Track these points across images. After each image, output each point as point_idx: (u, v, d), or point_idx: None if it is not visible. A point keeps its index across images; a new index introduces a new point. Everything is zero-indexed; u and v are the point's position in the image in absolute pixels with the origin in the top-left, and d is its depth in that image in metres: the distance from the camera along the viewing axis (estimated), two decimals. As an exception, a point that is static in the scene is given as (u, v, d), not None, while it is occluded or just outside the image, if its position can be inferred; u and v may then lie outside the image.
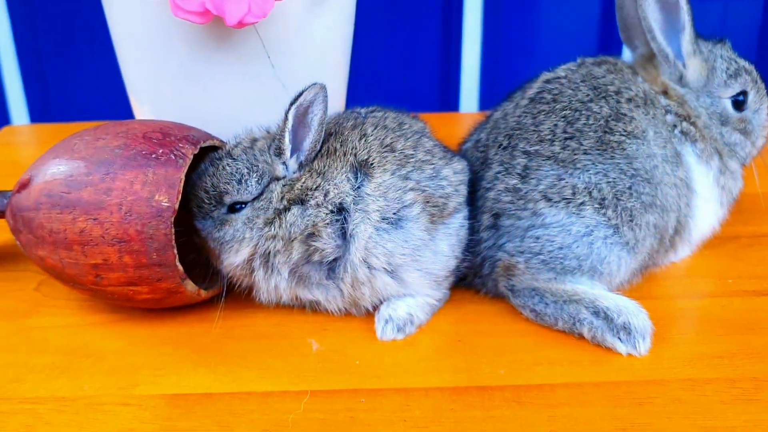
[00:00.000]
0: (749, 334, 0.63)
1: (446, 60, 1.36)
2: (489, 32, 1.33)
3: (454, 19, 1.32)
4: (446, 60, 1.36)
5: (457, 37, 1.33)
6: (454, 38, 1.33)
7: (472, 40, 1.33)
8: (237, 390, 0.58)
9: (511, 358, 0.61)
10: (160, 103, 0.76)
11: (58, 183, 0.61)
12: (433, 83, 1.38)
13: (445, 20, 1.32)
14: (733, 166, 0.74)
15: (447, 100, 1.39)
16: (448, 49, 1.35)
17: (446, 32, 1.33)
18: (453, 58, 1.35)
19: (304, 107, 0.62)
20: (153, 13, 0.70)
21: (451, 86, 1.38)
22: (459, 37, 1.33)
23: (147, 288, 0.62)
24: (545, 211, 0.64)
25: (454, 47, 1.34)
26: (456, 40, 1.33)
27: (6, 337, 0.65)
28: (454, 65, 1.35)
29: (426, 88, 1.38)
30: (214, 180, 0.63)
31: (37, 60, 1.33)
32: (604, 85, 0.69)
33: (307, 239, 0.62)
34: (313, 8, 0.72)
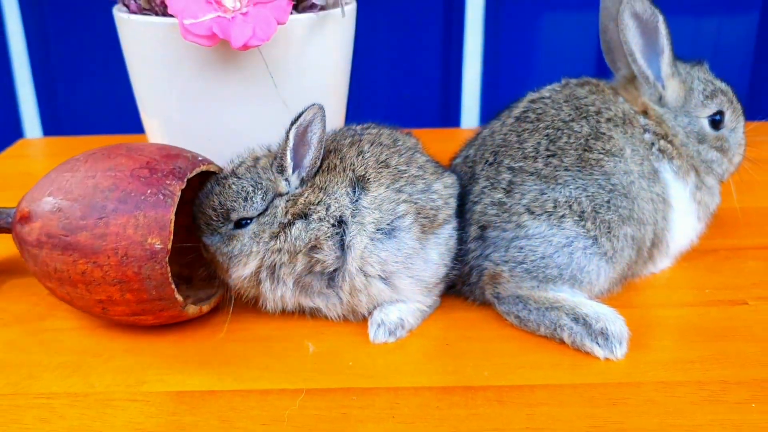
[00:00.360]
0: (722, 341, 0.66)
1: (447, 76, 1.38)
2: (489, 50, 1.35)
3: (455, 37, 1.34)
4: (447, 76, 1.38)
5: (458, 54, 1.36)
6: (455, 55, 1.36)
7: (473, 57, 1.35)
8: (238, 388, 0.61)
9: (495, 361, 0.64)
10: (169, 119, 0.80)
11: (55, 225, 0.63)
12: (435, 99, 1.40)
13: (446, 38, 1.35)
14: (710, 182, 0.77)
15: (448, 116, 1.41)
16: (449, 66, 1.37)
17: (447, 49, 1.36)
18: (454, 74, 1.37)
19: (304, 127, 0.65)
20: (164, 36, 0.74)
21: (452, 102, 1.40)
22: (460, 55, 1.36)
23: (151, 316, 0.66)
24: (528, 224, 0.67)
25: (455, 64, 1.36)
26: (457, 57, 1.36)
27: (21, 339, 0.68)
28: (455, 82, 1.38)
29: (427, 104, 1.41)
30: (221, 198, 0.65)
31: (49, 75, 1.37)
32: (586, 106, 0.72)
33: (309, 252, 0.65)
34: (313, 32, 0.76)
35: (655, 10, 0.71)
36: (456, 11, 1.32)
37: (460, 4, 1.31)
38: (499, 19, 1.33)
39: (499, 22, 1.34)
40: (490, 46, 1.35)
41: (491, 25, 1.33)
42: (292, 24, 0.73)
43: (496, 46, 1.35)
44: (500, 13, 1.33)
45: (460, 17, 1.32)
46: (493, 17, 1.33)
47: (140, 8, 0.76)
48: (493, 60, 1.36)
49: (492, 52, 1.36)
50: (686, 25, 1.35)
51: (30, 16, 1.32)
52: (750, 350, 0.65)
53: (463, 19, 1.32)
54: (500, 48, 1.36)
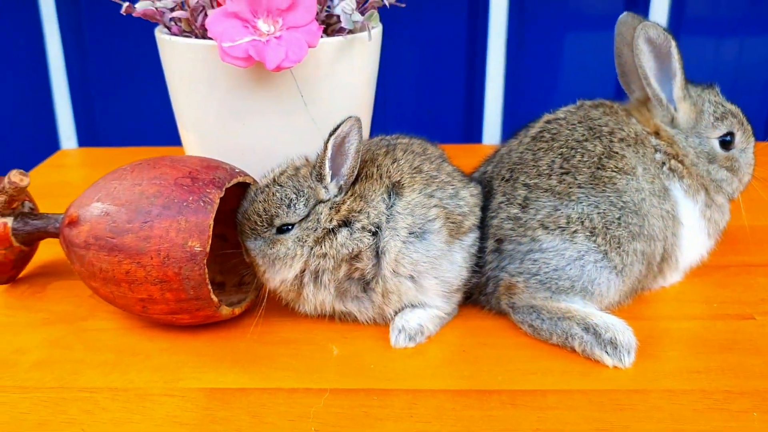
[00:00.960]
0: (727, 353, 0.69)
1: (470, 93, 1.41)
2: (512, 67, 1.37)
3: (478, 55, 1.37)
4: (470, 93, 1.41)
5: (480, 72, 1.38)
6: (478, 73, 1.38)
7: (496, 75, 1.38)
8: (267, 386, 0.64)
9: (509, 367, 0.67)
10: (205, 134, 0.84)
11: (102, 228, 0.68)
12: (458, 115, 1.43)
13: (469, 56, 1.38)
14: (720, 200, 0.79)
15: (471, 132, 1.44)
16: (473, 84, 1.40)
17: (471, 67, 1.39)
18: (477, 91, 1.40)
19: (341, 137, 0.67)
20: (203, 57, 0.78)
21: (475, 118, 1.43)
22: (483, 72, 1.38)
23: (188, 316, 0.70)
24: (542, 238, 0.71)
25: (478, 82, 1.39)
26: (480, 75, 1.38)
27: (65, 337, 0.73)
28: (477, 99, 1.41)
29: (451, 119, 1.44)
30: (265, 205, 0.69)
31: (86, 88, 1.41)
32: (599, 126, 0.75)
33: (351, 260, 0.69)
34: (341, 54, 0.80)
35: (668, 36, 0.74)
36: (479, 30, 1.35)
37: (484, 24, 1.34)
38: (521, 39, 1.36)
39: (521, 41, 1.36)
40: (512, 65, 1.38)
41: (513, 44, 1.36)
42: (322, 47, 0.77)
43: (518, 64, 1.38)
44: (522, 33, 1.36)
45: (483, 36, 1.35)
46: (515, 36, 1.35)
47: (181, 31, 0.81)
48: (514, 78, 1.39)
49: (514, 70, 1.38)
50: (707, 44, 1.37)
51: (68, 32, 1.37)
52: (754, 362, 0.67)
53: (486, 38, 1.35)
54: (522, 66, 1.38)
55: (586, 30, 1.37)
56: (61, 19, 1.37)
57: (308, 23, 0.74)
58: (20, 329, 0.74)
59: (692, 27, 1.36)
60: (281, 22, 0.74)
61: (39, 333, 0.74)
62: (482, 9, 1.34)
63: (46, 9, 1.36)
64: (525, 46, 1.37)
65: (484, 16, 1.34)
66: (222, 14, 0.74)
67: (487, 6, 1.33)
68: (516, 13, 1.34)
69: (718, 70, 1.40)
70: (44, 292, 0.82)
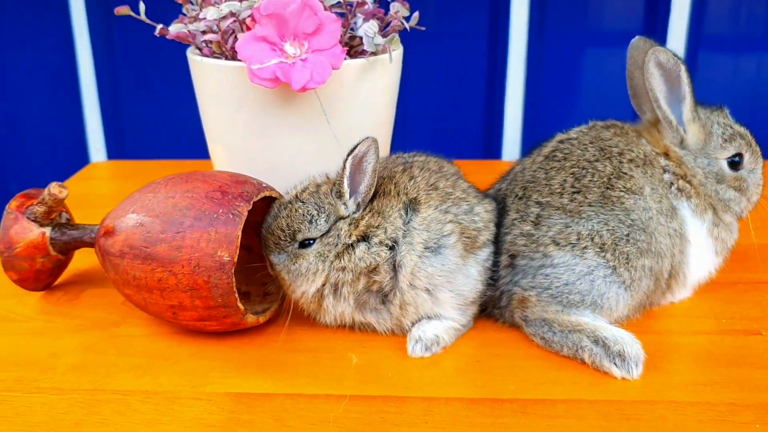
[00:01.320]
0: (733, 367, 0.71)
1: (490, 111, 1.44)
2: (531, 85, 1.40)
3: (498, 73, 1.39)
4: (490, 111, 1.44)
5: (501, 89, 1.41)
6: (498, 91, 1.41)
7: (515, 92, 1.40)
8: (289, 392, 0.68)
9: (521, 377, 0.69)
10: (233, 149, 0.88)
11: (138, 238, 0.71)
12: (478, 132, 1.46)
13: (490, 74, 1.40)
14: (728, 219, 0.82)
15: (490, 149, 1.47)
16: (493, 101, 1.43)
17: (491, 85, 1.41)
18: (497, 109, 1.43)
19: (359, 157, 0.70)
20: (232, 77, 0.82)
21: (495, 135, 1.45)
22: (503, 90, 1.40)
23: (215, 322, 0.73)
24: (554, 253, 0.74)
25: (498, 99, 1.42)
26: (500, 92, 1.41)
27: (98, 342, 0.76)
28: (497, 116, 1.43)
29: (471, 136, 1.46)
30: (288, 220, 0.72)
31: (116, 103, 1.46)
32: (610, 147, 0.78)
33: (369, 273, 0.72)
34: (363, 75, 0.83)
35: (677, 60, 0.77)
36: (499, 48, 1.38)
37: (504, 42, 1.37)
38: (540, 57, 1.39)
39: (540, 59, 1.39)
40: (531, 82, 1.40)
41: (533, 62, 1.38)
42: (345, 68, 0.81)
43: (537, 82, 1.40)
44: (542, 51, 1.38)
45: (503, 54, 1.38)
46: (535, 54, 1.38)
47: (212, 52, 0.85)
48: (533, 95, 1.41)
49: (533, 88, 1.40)
50: (726, 62, 1.39)
51: (100, 49, 1.42)
52: (759, 376, 0.69)
53: (506, 56, 1.38)
54: (541, 84, 1.41)
55: (605, 48, 1.40)
56: (93, 37, 1.41)
57: (332, 46, 0.78)
58: (57, 334, 0.78)
59: (711, 44, 1.38)
60: (307, 46, 0.78)
61: (74, 338, 0.77)
62: (502, 28, 1.37)
63: (78, 26, 1.41)
64: (544, 64, 1.40)
65: (504, 34, 1.37)
66: (251, 38, 0.77)
67: (507, 24, 1.36)
68: (535, 31, 1.37)
69: (737, 88, 1.41)
70: (79, 299, 0.86)
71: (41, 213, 0.81)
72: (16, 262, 0.81)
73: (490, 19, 1.38)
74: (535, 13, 1.36)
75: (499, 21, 1.37)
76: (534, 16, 1.36)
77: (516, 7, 1.35)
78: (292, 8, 0.76)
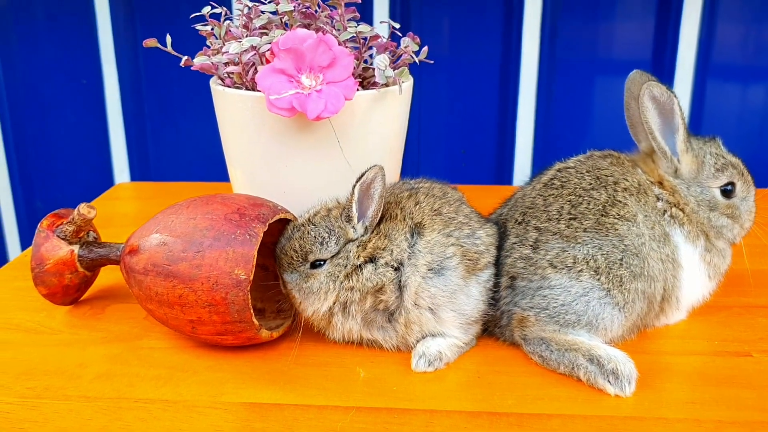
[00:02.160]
0: (723, 386, 0.74)
1: (502, 138, 1.48)
2: (542, 113, 1.44)
3: (510, 100, 1.44)
4: (502, 138, 1.48)
5: (512, 117, 1.45)
6: (510, 118, 1.45)
7: (526, 120, 1.45)
8: (300, 403, 0.71)
9: (519, 393, 0.73)
10: (252, 173, 0.92)
11: (161, 256, 0.76)
12: (490, 159, 1.51)
13: (501, 101, 1.45)
14: (720, 245, 0.85)
15: (502, 175, 1.51)
16: (504, 129, 1.47)
17: (503, 112, 1.46)
18: (508, 136, 1.47)
19: (367, 183, 0.74)
20: (252, 106, 0.86)
21: (506, 162, 1.50)
22: (514, 118, 1.45)
23: (231, 337, 0.77)
24: (551, 276, 0.78)
25: (510, 126, 1.46)
26: (511, 120, 1.45)
27: (122, 354, 0.81)
28: (509, 143, 1.47)
29: (483, 162, 1.51)
30: (300, 242, 0.76)
31: (141, 128, 1.52)
32: (605, 176, 0.82)
33: (376, 293, 0.77)
34: (375, 105, 0.88)
35: (671, 94, 0.80)
36: (511, 76, 1.42)
37: (515, 71, 1.41)
38: (551, 85, 1.42)
39: (551, 87, 1.43)
40: (542, 110, 1.44)
41: (544, 91, 1.43)
42: (357, 99, 0.85)
43: (548, 110, 1.45)
44: (553, 79, 1.42)
45: (515, 83, 1.42)
46: (545, 83, 1.42)
47: (233, 83, 0.90)
48: (544, 123, 1.45)
49: (544, 115, 1.45)
50: (734, 90, 1.42)
51: (126, 76, 1.48)
52: (748, 396, 0.72)
53: (517, 84, 1.42)
54: (551, 112, 1.45)
55: (614, 77, 1.43)
56: (119, 65, 1.48)
57: (345, 79, 0.83)
58: (83, 346, 0.83)
59: (719, 73, 1.42)
60: (322, 78, 0.83)
61: (99, 350, 0.82)
62: (514, 58, 1.41)
63: (106, 55, 1.47)
64: (554, 93, 1.44)
65: (515, 63, 1.41)
66: (270, 70, 0.83)
67: (518, 55, 1.40)
68: (546, 61, 1.41)
69: (745, 116, 1.44)
70: (104, 313, 0.90)
71: (70, 232, 0.86)
72: (46, 278, 0.86)
73: (502, 49, 1.42)
74: (545, 43, 1.40)
75: (511, 51, 1.42)
76: (544, 47, 1.40)
77: (527, 38, 1.40)
78: (309, 43, 0.81)
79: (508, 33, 1.41)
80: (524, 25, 1.39)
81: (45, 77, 1.50)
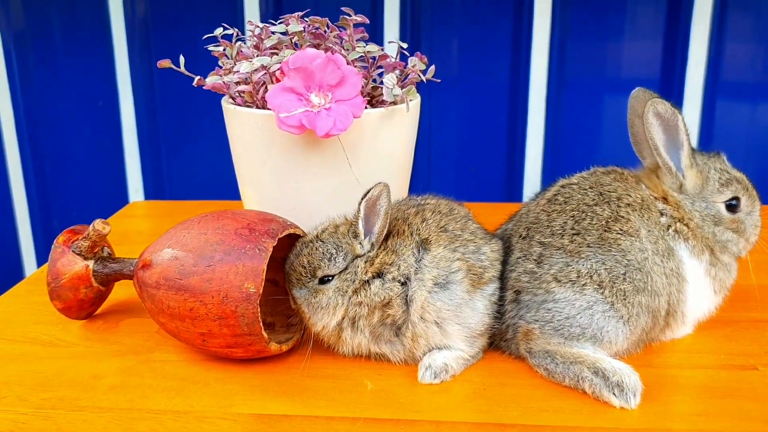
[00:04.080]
0: (727, 399, 0.74)
1: (512, 156, 1.49)
2: (551, 131, 1.45)
3: (519, 118, 1.45)
4: (512, 156, 1.49)
5: (522, 134, 1.46)
6: (519, 136, 1.46)
7: (536, 138, 1.46)
8: (308, 414, 0.72)
9: (524, 405, 0.74)
10: (262, 190, 0.94)
11: (173, 270, 0.78)
12: (500, 176, 1.52)
13: (511, 119, 1.46)
14: (726, 260, 0.86)
15: (512, 192, 1.52)
16: (514, 146, 1.48)
17: (512, 130, 1.47)
18: (518, 154, 1.48)
19: (372, 200, 0.76)
20: (262, 124, 0.88)
21: (516, 179, 1.51)
22: (524, 135, 1.46)
23: (241, 349, 0.79)
24: (555, 290, 0.79)
25: (519, 144, 1.47)
26: (521, 137, 1.46)
27: (135, 366, 0.82)
28: (518, 161, 1.49)
29: (493, 179, 1.52)
30: (309, 258, 0.78)
31: (155, 147, 1.54)
32: (608, 192, 0.83)
33: (383, 307, 0.78)
34: (383, 123, 0.90)
35: (675, 111, 0.82)
36: (521, 95, 1.43)
37: (524, 89, 1.43)
38: (559, 103, 1.44)
39: (559, 105, 1.44)
40: (551, 128, 1.45)
41: (552, 108, 1.44)
42: (366, 117, 0.87)
43: (557, 127, 1.46)
44: (561, 97, 1.44)
45: (524, 101, 1.44)
46: (554, 101, 1.43)
47: (244, 102, 0.93)
48: (553, 141, 1.46)
49: (553, 133, 1.46)
50: (743, 108, 1.42)
51: (141, 97, 1.51)
52: (751, 408, 0.73)
53: (526, 102, 1.44)
54: (560, 130, 1.46)
55: (622, 95, 1.42)
56: (134, 85, 1.50)
57: (354, 97, 0.85)
58: (97, 358, 0.84)
59: (727, 91, 1.43)
60: (331, 96, 0.85)
61: (113, 362, 0.84)
62: (523, 75, 1.42)
63: (122, 75, 1.50)
64: (563, 111, 1.45)
65: (525, 81, 1.43)
66: (280, 89, 0.85)
67: (527, 72, 1.42)
68: (555, 79, 1.42)
69: (754, 133, 1.45)
70: (117, 327, 0.92)
71: (86, 247, 0.88)
72: (61, 292, 0.88)
73: (512, 68, 1.44)
74: (554, 61, 1.42)
75: (520, 70, 1.43)
76: (553, 65, 1.42)
77: (536, 57, 1.41)
78: (318, 62, 0.83)
79: (517, 52, 1.43)
80: (533, 44, 1.41)
81: (62, 98, 1.54)
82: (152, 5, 1.46)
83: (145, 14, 1.47)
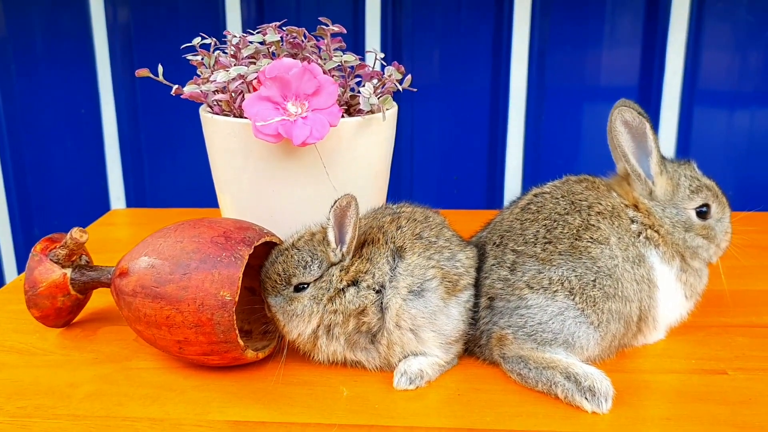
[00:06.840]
0: (698, 403, 0.76)
1: (492, 164, 1.51)
2: (531, 139, 1.47)
3: (499, 127, 1.46)
4: (492, 164, 1.51)
5: (502, 143, 1.48)
6: (500, 144, 1.48)
7: (516, 146, 1.48)
8: (284, 421, 0.73)
9: (498, 410, 0.75)
10: (240, 198, 0.95)
11: (149, 278, 0.78)
12: (481, 183, 1.53)
13: (492, 128, 1.47)
14: (696, 265, 0.87)
15: (493, 199, 1.53)
16: (494, 154, 1.50)
17: (493, 139, 1.49)
18: (498, 162, 1.50)
19: (341, 210, 0.76)
20: (239, 133, 0.89)
21: (497, 187, 1.52)
22: (504, 144, 1.48)
23: (217, 357, 0.79)
24: (528, 296, 0.80)
25: (500, 152, 1.49)
26: (501, 146, 1.48)
27: (112, 374, 0.82)
28: (499, 169, 1.50)
29: (475, 187, 1.53)
30: (284, 266, 0.78)
31: (136, 155, 1.54)
32: (580, 201, 0.84)
33: (358, 315, 0.78)
34: (359, 131, 0.91)
35: (642, 118, 0.83)
36: (501, 104, 1.45)
37: (505, 98, 1.44)
38: (540, 112, 1.45)
39: (539, 114, 1.46)
40: (531, 137, 1.47)
41: (532, 116, 1.45)
42: (342, 125, 0.88)
43: (537, 136, 1.47)
44: (541, 106, 1.45)
45: (504, 110, 1.45)
46: (534, 109, 1.45)
47: (222, 110, 0.93)
48: (534, 149, 1.48)
49: (533, 142, 1.47)
50: (720, 116, 1.45)
51: (123, 105, 1.51)
52: (721, 411, 0.74)
53: (506, 111, 1.45)
54: (540, 138, 1.48)
55: (601, 103, 1.46)
56: (116, 94, 1.51)
57: (330, 106, 0.86)
58: (74, 366, 0.85)
59: (705, 99, 1.45)
60: (307, 105, 0.86)
61: (89, 370, 0.84)
62: (503, 84, 1.44)
63: (104, 84, 1.51)
64: (543, 119, 1.47)
65: (505, 90, 1.44)
66: (257, 98, 0.85)
67: (507, 81, 1.43)
68: (535, 87, 1.44)
69: (732, 140, 1.47)
70: (95, 335, 0.92)
71: (63, 255, 0.88)
72: (39, 301, 0.88)
73: (492, 76, 1.45)
74: (533, 70, 1.43)
75: (500, 79, 1.45)
76: (533, 74, 1.43)
77: (515, 66, 1.43)
78: (294, 72, 0.84)
79: (497, 61, 1.45)
80: (512, 53, 1.43)
81: (44, 106, 1.54)
82: (134, 14, 1.47)
83: (127, 23, 1.47)
